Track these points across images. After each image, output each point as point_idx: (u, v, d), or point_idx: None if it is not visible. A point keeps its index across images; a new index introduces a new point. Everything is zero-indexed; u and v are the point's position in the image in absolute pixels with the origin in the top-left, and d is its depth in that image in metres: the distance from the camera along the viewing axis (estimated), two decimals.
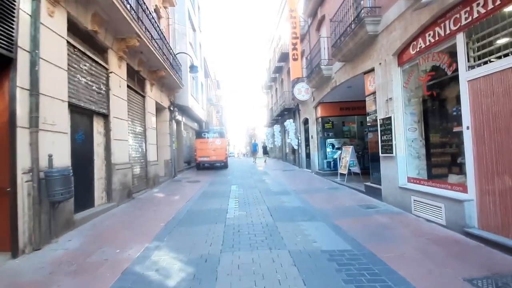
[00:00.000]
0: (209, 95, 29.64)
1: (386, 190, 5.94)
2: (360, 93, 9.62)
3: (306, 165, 14.24)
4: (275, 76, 21.93)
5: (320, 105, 11.25)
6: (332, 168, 11.32)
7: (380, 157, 6.09)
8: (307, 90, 11.81)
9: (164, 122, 11.96)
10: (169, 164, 11.95)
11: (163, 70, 9.54)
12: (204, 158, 15.72)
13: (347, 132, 12.50)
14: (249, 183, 9.95)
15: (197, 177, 12.46)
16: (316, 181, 9.98)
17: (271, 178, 11.43)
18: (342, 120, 11.76)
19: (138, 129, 8.56)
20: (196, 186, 9.74)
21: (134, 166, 8.13)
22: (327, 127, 11.52)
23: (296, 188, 8.57)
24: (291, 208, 5.88)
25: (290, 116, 16.90)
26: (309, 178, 10.92)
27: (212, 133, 16.20)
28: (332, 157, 11.55)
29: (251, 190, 8.49)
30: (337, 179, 9.35)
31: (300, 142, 14.79)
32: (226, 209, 5.97)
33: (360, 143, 11.93)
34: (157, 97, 10.44)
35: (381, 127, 5.97)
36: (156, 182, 9.64)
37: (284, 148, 21.50)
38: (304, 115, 13.75)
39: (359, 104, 11.04)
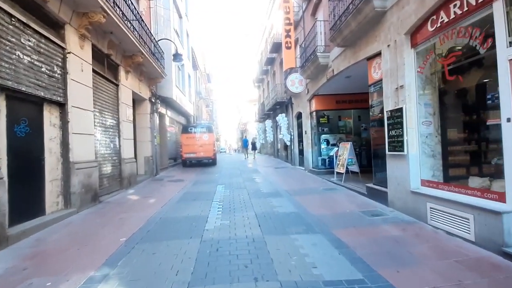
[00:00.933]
0: (198, 88, 28.43)
1: (393, 194, 5.11)
2: (359, 84, 8.77)
3: (299, 162, 13.41)
4: (267, 68, 20.93)
5: (314, 98, 10.37)
6: (327, 166, 10.50)
7: (387, 155, 5.24)
8: (301, 82, 10.90)
9: (143, 115, 10.86)
10: (150, 161, 10.89)
11: (140, 55, 8.44)
12: (190, 154, 14.69)
13: (343, 127, 11.69)
14: (237, 183, 9.02)
15: (181, 176, 11.44)
16: (310, 181, 9.13)
17: (261, 176, 10.53)
18: (338, 114, 10.92)
19: (109, 121, 7.48)
20: (178, 186, 8.75)
21: (104, 165, 7.07)
22: (322, 122, 10.66)
23: (288, 188, 7.70)
24: (283, 215, 4.98)
25: (282, 110, 16.00)
26: (303, 177, 10.06)
27: (199, 127, 15.16)
28: (327, 154, 10.73)
29: (238, 191, 7.56)
30: (333, 179, 8.52)
31: (293, 137, 13.93)
32: (207, 216, 5.03)
33: (357, 139, 11.14)
34: (134, 87, 9.33)
35: (389, 121, 5.11)
36: (132, 181, 8.59)
37: (275, 144, 20.63)
38: (297, 109, 12.86)
39: (358, 97, 10.24)
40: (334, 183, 8.11)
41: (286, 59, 11.04)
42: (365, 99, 10.78)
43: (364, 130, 11.67)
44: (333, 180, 8.42)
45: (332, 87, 9.44)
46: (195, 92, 26.22)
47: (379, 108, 5.81)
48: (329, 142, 11.15)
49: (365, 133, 11.65)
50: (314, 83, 9.90)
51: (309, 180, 9.34)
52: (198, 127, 15.19)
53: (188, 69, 18.79)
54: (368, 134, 12.01)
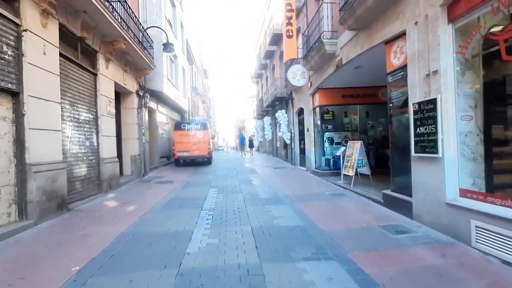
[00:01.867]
0: (194, 84, 27.40)
1: (421, 205, 4.18)
2: (370, 76, 7.84)
3: (300, 162, 12.48)
4: (265, 62, 19.93)
5: (318, 92, 9.42)
6: (331, 166, 9.58)
7: (412, 157, 4.31)
8: (303, 74, 9.94)
9: (130, 110, 9.86)
10: (137, 160, 9.91)
11: (122, 41, 7.43)
12: (183, 153, 13.72)
13: (348, 124, 10.75)
14: (232, 185, 8.08)
15: (172, 176, 10.48)
16: (314, 183, 8.20)
17: (259, 178, 9.59)
18: (344, 110, 9.98)
19: (83, 116, 6.49)
20: (166, 189, 7.79)
21: (76, 166, 6.10)
22: (326, 118, 9.72)
23: (290, 192, 6.77)
24: (286, 231, 4.05)
25: (282, 106, 15.05)
26: (305, 179, 9.14)
27: (193, 124, 14.18)
28: (331, 154, 9.80)
29: (233, 196, 6.62)
30: (340, 182, 7.59)
31: (294, 135, 12.99)
32: (192, 232, 4.08)
33: (364, 137, 10.22)
34: (117, 78, 8.33)
35: (416, 115, 4.17)
36: (114, 184, 7.62)
37: (274, 142, 19.70)
38: (299, 104, 11.91)
39: (366, 91, 9.32)
40: (342, 187, 7.18)
41: (287, 49, 10.07)
42: (375, 93, 9.92)
43: (371, 127, 10.78)
44: (339, 183, 7.50)
45: (338, 80, 8.49)
46: (190, 87, 25.20)
47: (400, 100, 4.87)
48: (334, 140, 10.23)
49: (372, 131, 10.76)
50: (318, 75, 8.94)
51: (312, 182, 8.41)
52: (192, 123, 14.21)
53: (182, 62, 17.76)
54: (376, 132, 11.12)
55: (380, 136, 10.40)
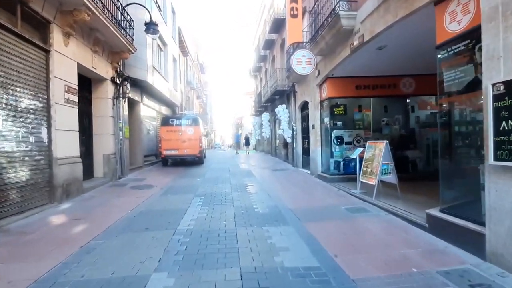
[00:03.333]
0: (189, 77, 25.81)
1: (504, 242, 2.71)
2: (396, 59, 6.32)
3: (303, 164, 11.01)
4: (265, 53, 18.38)
5: (328, 82, 7.92)
6: (341, 170, 8.11)
7: (488, 167, 2.82)
8: (309, 61, 8.43)
9: (103, 100, 8.31)
10: (112, 160, 8.37)
11: (85, 11, 5.87)
12: (171, 151, 12.18)
13: (360, 121, 9.23)
14: (223, 193, 6.59)
15: (154, 179, 8.95)
16: (322, 192, 6.72)
17: (256, 182, 8.10)
18: (357, 103, 8.48)
19: (25, 103, 4.95)
20: (140, 197, 6.28)
21: (10, 169, 4.56)
22: (336, 113, 8.21)
23: (294, 205, 5.29)
24: (295, 281, 2.56)
25: (282, 100, 13.54)
26: (311, 186, 7.66)
27: (182, 119, 12.64)
28: (341, 155, 8.33)
29: (222, 209, 5.13)
30: (355, 191, 6.13)
31: (295, 133, 11.51)
32: (148, 278, 2.59)
33: (378, 137, 8.75)
34: (83, 59, 6.78)
35: (500, 102, 2.68)
36: (73, 190, 6.09)
37: (273, 141, 18.20)
38: (302, 98, 10.41)
39: (385, 80, 7.87)
40: (360, 198, 5.71)
41: (291, 31, 8.56)
42: (395, 83, 8.11)
43: (387, 125, 9.28)
44: (356, 193, 6.03)
45: (353, 66, 7.02)
46: (184, 80, 23.62)
47: (461, 83, 3.38)
48: (343, 140, 8.73)
49: (388, 129, 9.26)
50: (329, 61, 7.43)
51: (320, 190, 6.93)
52: (182, 118, 12.67)
53: (173, 51, 16.17)
54: (391, 131, 9.65)
55: (397, 136, 8.94)
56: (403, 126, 9.31)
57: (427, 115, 9.21)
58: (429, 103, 9.16)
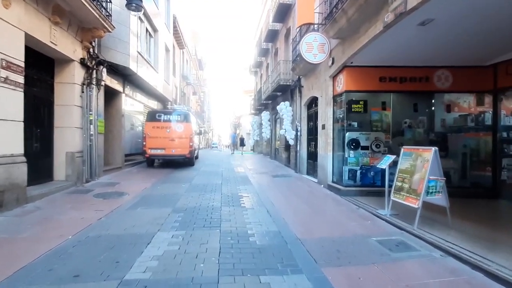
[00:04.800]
0: (185, 71, 24.29)
1: None
2: (440, 43, 4.88)
3: (308, 170, 9.54)
4: (267, 47, 16.89)
5: (345, 72, 6.45)
6: (358, 182, 6.65)
7: None
8: (321, 47, 6.95)
9: (68, 86, 6.78)
10: (77, 159, 6.84)
11: None
12: (156, 150, 10.65)
13: (377, 122, 7.74)
14: (209, 208, 5.08)
15: (130, 184, 7.42)
16: (338, 211, 5.22)
17: (253, 193, 6.60)
18: (381, 100, 7.01)
19: None
20: (101, 210, 4.76)
21: None
22: (354, 110, 6.73)
23: (305, 233, 3.82)
24: None
25: (285, 97, 12.05)
26: (322, 200, 6.16)
27: (171, 115, 11.11)
28: (357, 163, 6.86)
29: (203, 236, 3.64)
30: (382, 212, 4.66)
31: (300, 134, 10.02)
32: None
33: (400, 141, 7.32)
34: (36, 29, 5.26)
35: None
36: (9, 200, 4.56)
37: (273, 142, 16.71)
38: (310, 93, 8.93)
39: (417, 72, 6.42)
40: (392, 223, 4.22)
41: (301, 10, 7.08)
42: (427, 76, 6.37)
43: (409, 128, 7.80)
44: (384, 215, 4.54)
45: (378, 52, 5.58)
46: (180, 75, 22.11)
47: None
48: (359, 143, 7.25)
49: (410, 133, 7.79)
50: (349, 45, 5.96)
51: (335, 208, 5.44)
52: (171, 114, 11.13)
53: (166, 40, 14.64)
54: (415, 135, 8.20)
55: (424, 141, 7.47)
56: (428, 129, 7.85)
57: (455, 118, 7.76)
58: (456, 104, 7.72)
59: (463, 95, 7.09)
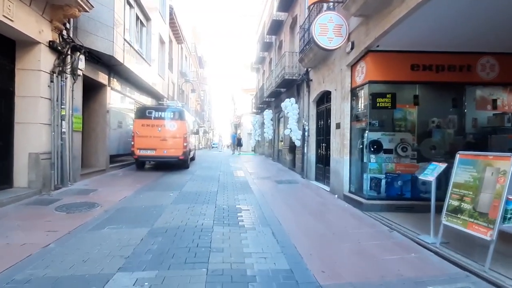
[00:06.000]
0: (183, 68, 23.16)
1: None
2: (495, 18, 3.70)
3: (317, 176, 8.36)
4: (270, 41, 15.73)
5: (369, 58, 5.28)
6: (382, 193, 5.47)
7: None
8: (338, 29, 5.77)
9: (32, 73, 5.63)
10: (43, 162, 5.69)
11: None
12: (146, 151, 9.50)
13: (401, 121, 6.55)
14: (197, 229, 3.92)
15: (108, 192, 6.26)
16: (366, 235, 4.03)
17: (254, 205, 5.44)
18: (413, 93, 5.81)
19: None
20: (54, 231, 3.62)
21: None
22: (380, 105, 5.52)
23: (324, 266, 2.68)
24: None
25: (290, 93, 10.88)
26: (341, 218, 4.97)
27: (163, 112, 9.96)
28: (380, 170, 5.69)
29: (184, 278, 2.47)
30: (427, 238, 3.49)
31: (308, 135, 8.85)
32: None
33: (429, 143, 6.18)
34: None
35: None
36: None
37: (276, 143, 15.53)
38: (321, 87, 7.76)
39: (458, 59, 5.22)
40: (449, 260, 3.04)
41: None
42: (469, 65, 5.05)
43: (437, 128, 6.58)
44: (432, 244, 3.36)
45: (415, 32, 4.42)
46: (178, 71, 20.98)
47: None
48: (381, 146, 6.07)
49: (439, 134, 6.57)
50: (376, 23, 4.79)
51: (360, 229, 4.25)
52: (163, 111, 9.98)
53: (161, 31, 13.50)
54: (444, 136, 7.00)
55: (457, 143, 6.27)
56: (460, 129, 6.64)
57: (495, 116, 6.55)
58: (488, 101, 6.51)
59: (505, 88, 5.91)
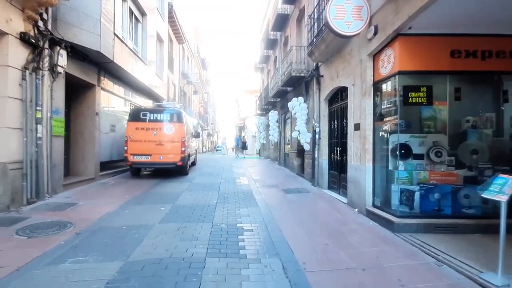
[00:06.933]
0: (185, 69, 22.43)
1: None
2: None
3: (330, 184, 7.39)
4: (275, 37, 14.84)
5: (398, 43, 4.32)
6: (416, 208, 4.48)
7: None
8: (357, 11, 4.83)
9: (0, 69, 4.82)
10: (11, 173, 4.86)
11: None
12: (140, 157, 8.66)
13: (429, 120, 5.55)
14: (185, 263, 3.01)
15: (89, 206, 5.40)
16: (407, 270, 3.05)
17: (259, 224, 4.51)
18: (453, 85, 4.82)
19: None
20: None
21: None
22: (413, 101, 4.56)
23: None
24: None
25: (298, 92, 9.95)
26: (368, 242, 3.99)
27: (159, 114, 9.11)
28: (410, 179, 4.71)
29: None
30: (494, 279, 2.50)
31: (319, 137, 7.89)
32: None
33: (469, 147, 5.19)
34: None
35: None
36: None
37: (282, 146, 14.58)
38: (334, 83, 6.81)
39: (508, 43, 4.21)
40: None
41: None
42: None
43: (473, 128, 5.56)
44: None
45: (455, 10, 3.45)
46: (179, 72, 20.24)
47: None
48: (410, 151, 5.09)
49: (475, 135, 5.54)
50: (404, 2, 3.83)
51: (398, 261, 3.27)
52: (158, 112, 9.13)
53: (159, 28, 12.71)
54: (482, 137, 5.98)
55: (503, 146, 5.26)
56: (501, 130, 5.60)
57: None
58: None
59: None
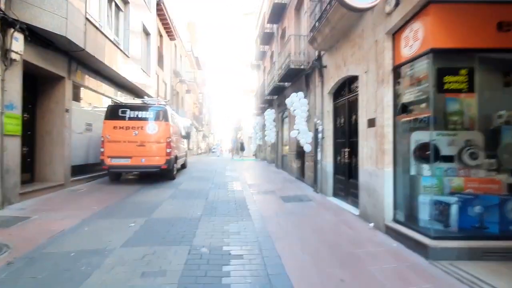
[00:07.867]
0: (177, 67, 21.39)
1: None
2: None
3: (335, 191, 6.41)
4: (271, 30, 13.87)
5: (431, 12, 3.36)
6: (453, 225, 3.51)
7: None
8: None
9: None
10: None
11: None
12: (119, 160, 7.62)
13: (455, 115, 4.60)
14: None
15: (48, 220, 4.35)
16: None
17: (251, 247, 3.50)
18: (504, 69, 3.88)
19: None
20: None
21: None
22: (451, 87, 3.60)
23: None
24: None
25: (297, 87, 8.97)
26: (392, 272, 2.99)
27: (140, 110, 8.07)
28: (441, 188, 3.75)
29: None
30: None
31: (322, 136, 6.91)
32: None
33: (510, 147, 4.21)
34: None
35: None
36: None
37: (279, 147, 13.58)
38: (341, 72, 5.83)
39: None
40: None
41: None
42: None
43: (507, 125, 4.61)
44: None
45: None
46: (171, 70, 19.19)
47: None
48: (437, 151, 4.12)
49: (509, 134, 4.62)
50: None
51: None
52: (140, 110, 8.08)
53: (144, 19, 11.68)
54: None
55: None
56: None
57: None
58: None
59: None
